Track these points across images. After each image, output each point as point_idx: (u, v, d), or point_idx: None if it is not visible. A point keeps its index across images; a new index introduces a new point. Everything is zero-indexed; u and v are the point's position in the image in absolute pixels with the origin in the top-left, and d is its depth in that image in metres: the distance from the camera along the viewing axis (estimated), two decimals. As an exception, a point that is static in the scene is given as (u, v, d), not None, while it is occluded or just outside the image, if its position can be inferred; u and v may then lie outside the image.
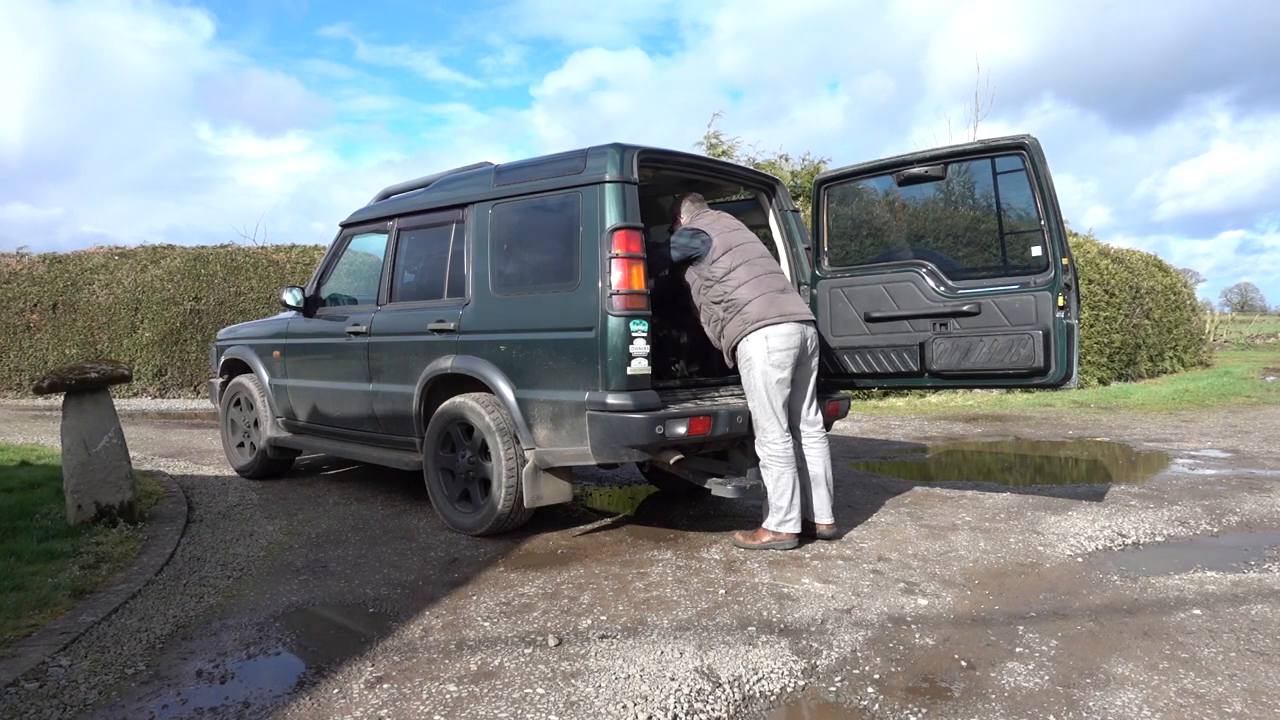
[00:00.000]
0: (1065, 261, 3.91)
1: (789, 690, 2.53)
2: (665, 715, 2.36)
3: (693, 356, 4.88)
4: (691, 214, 4.24)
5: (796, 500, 3.94)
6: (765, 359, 3.85)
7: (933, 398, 11.08)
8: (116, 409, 4.49)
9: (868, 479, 5.75)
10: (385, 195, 5.23)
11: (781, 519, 3.93)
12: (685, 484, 5.15)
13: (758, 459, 4.02)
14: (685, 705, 2.41)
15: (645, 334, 3.65)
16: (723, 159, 7.87)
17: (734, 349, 3.98)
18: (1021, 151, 3.96)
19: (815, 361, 4.10)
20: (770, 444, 3.90)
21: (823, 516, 4.11)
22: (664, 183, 4.84)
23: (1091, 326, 11.89)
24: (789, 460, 3.91)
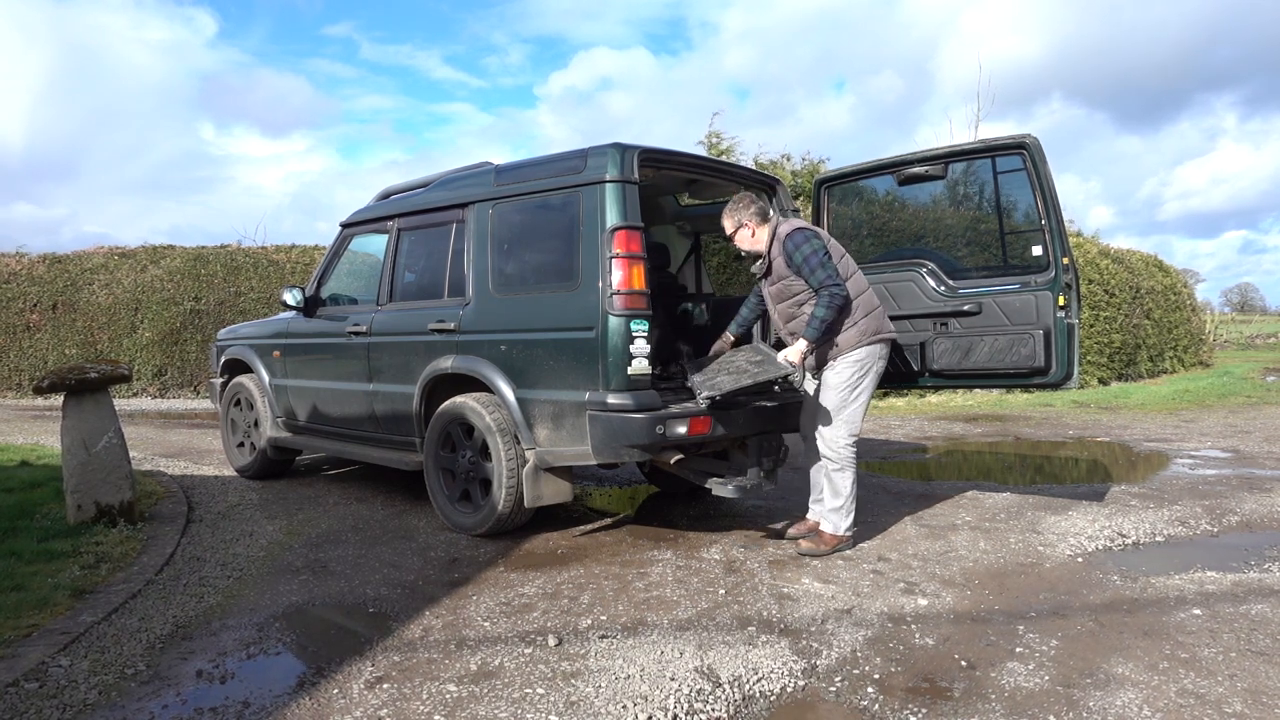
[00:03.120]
0: (1066, 261, 3.92)
1: (789, 690, 2.53)
2: (665, 715, 2.36)
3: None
4: (780, 214, 3.99)
5: None
6: (876, 368, 3.86)
7: (933, 398, 11.07)
8: (116, 409, 4.48)
9: (868, 479, 5.74)
10: (385, 195, 5.22)
11: (851, 521, 3.92)
12: (685, 484, 5.14)
13: (759, 459, 4.02)
14: (685, 705, 2.41)
15: (646, 334, 3.65)
16: (723, 159, 7.88)
17: (843, 353, 3.80)
18: (1022, 151, 3.97)
19: None
20: (852, 448, 3.88)
21: None
22: (664, 182, 4.83)
23: (1091, 326, 11.88)
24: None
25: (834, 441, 3.87)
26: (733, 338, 4.17)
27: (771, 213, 3.96)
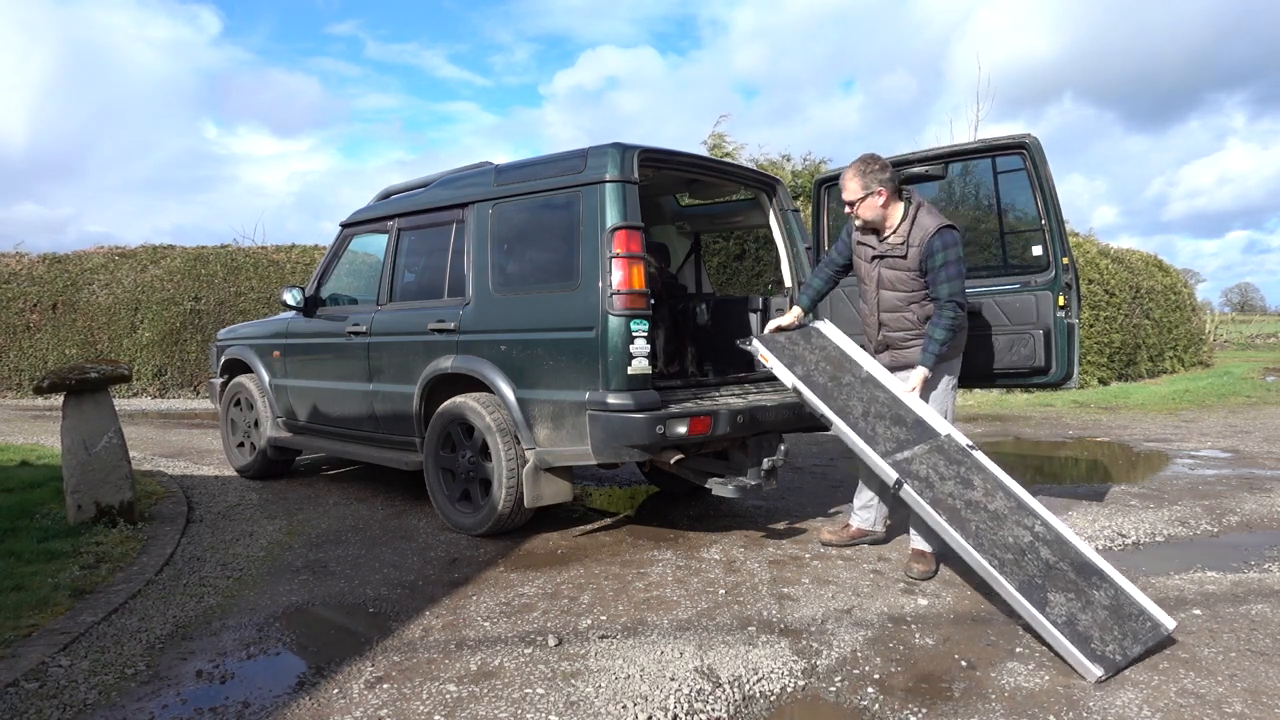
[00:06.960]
0: (1066, 261, 3.91)
1: (789, 690, 2.53)
2: (665, 715, 2.36)
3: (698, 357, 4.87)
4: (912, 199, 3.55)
5: None
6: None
7: (933, 398, 11.05)
8: (116, 409, 4.48)
9: (868, 479, 5.75)
10: (385, 195, 5.22)
11: None
12: (685, 484, 5.14)
13: (760, 459, 4.01)
14: (685, 705, 2.41)
15: (645, 334, 3.65)
16: (725, 159, 7.88)
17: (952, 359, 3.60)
18: (1022, 151, 3.96)
19: None
20: None
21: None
22: (664, 182, 4.84)
23: (1091, 326, 11.88)
24: None
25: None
26: (802, 313, 3.89)
27: (910, 191, 3.62)
